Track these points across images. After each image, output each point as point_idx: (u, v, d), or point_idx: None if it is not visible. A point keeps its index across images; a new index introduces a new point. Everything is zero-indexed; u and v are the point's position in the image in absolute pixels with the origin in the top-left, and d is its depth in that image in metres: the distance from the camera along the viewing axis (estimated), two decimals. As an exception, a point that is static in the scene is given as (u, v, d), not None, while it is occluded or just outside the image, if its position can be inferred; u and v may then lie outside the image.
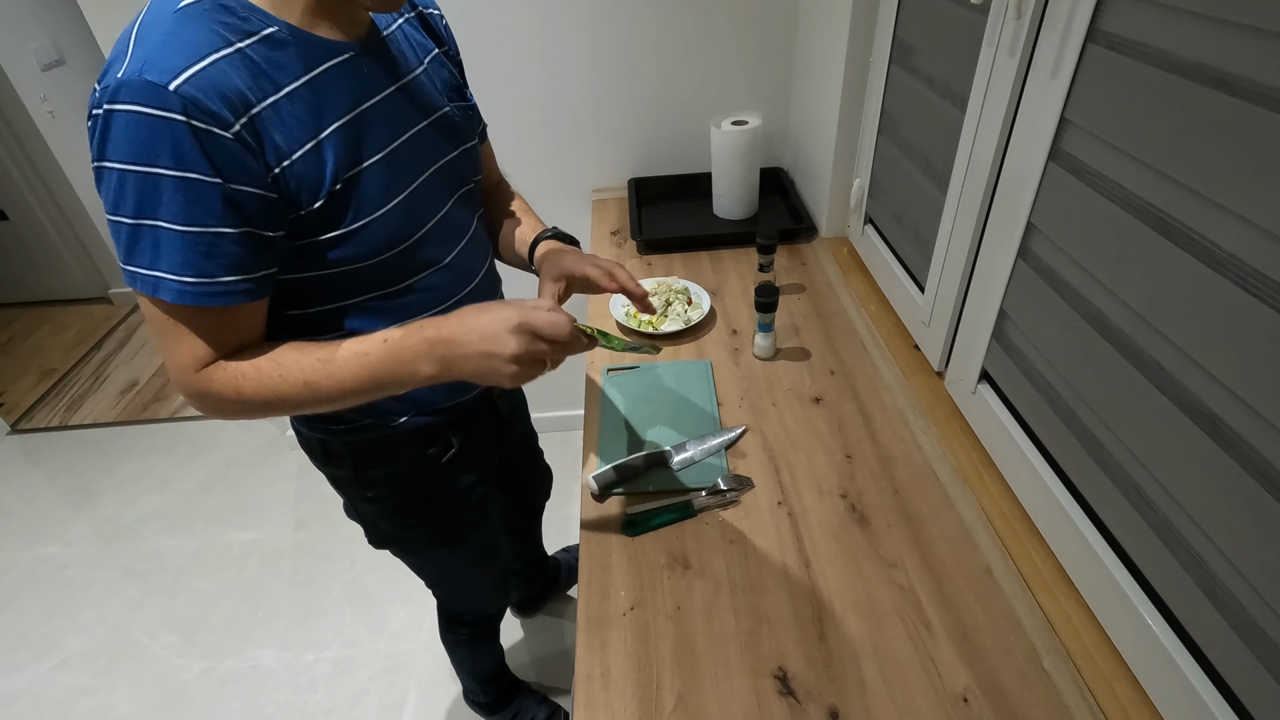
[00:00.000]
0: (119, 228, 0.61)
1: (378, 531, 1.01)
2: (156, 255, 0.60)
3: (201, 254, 0.61)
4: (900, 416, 1.06)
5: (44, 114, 2.82)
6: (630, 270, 1.36)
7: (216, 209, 0.60)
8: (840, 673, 0.75)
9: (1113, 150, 0.67)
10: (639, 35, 1.58)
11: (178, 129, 0.57)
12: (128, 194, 0.59)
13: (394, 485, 0.92)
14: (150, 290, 0.61)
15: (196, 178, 0.58)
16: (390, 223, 0.71)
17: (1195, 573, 0.62)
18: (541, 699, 1.57)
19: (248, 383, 0.67)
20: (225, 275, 0.62)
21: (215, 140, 0.58)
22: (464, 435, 0.93)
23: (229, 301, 0.64)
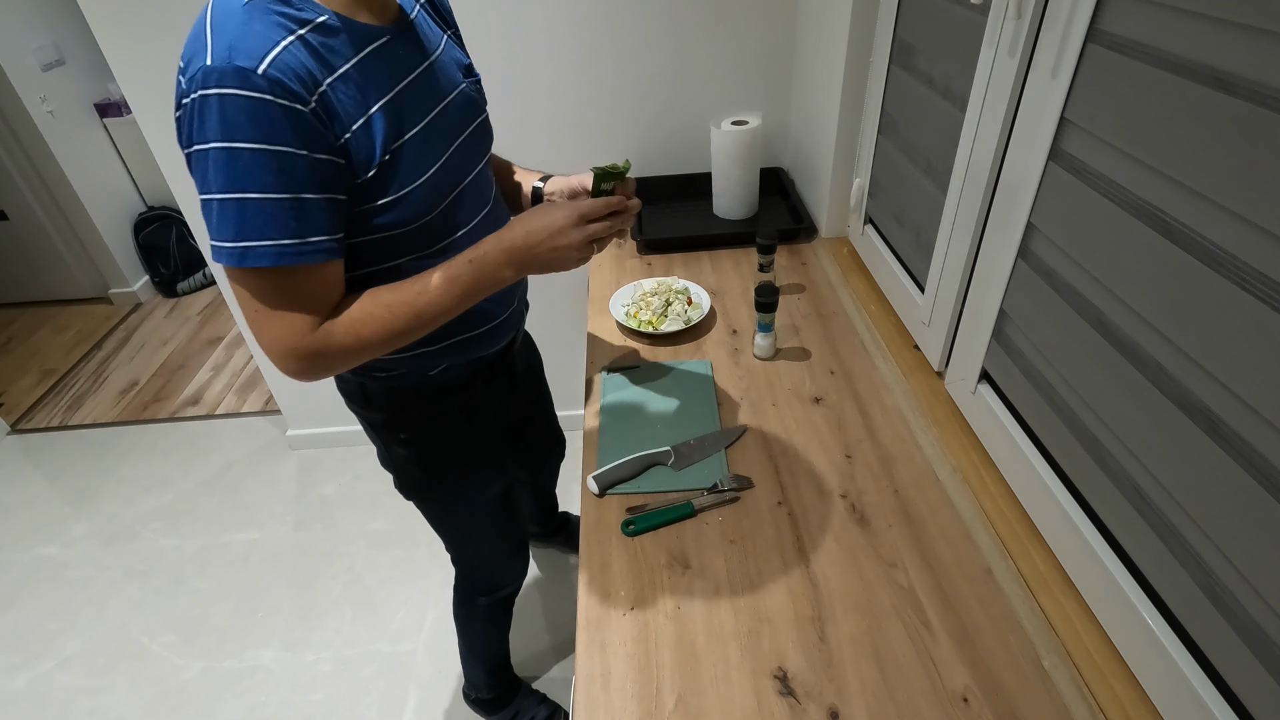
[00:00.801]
0: (210, 206, 0.66)
1: (407, 477, 1.07)
2: (251, 226, 0.66)
3: (293, 218, 0.67)
4: (900, 416, 1.06)
5: (44, 114, 2.82)
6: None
7: (302, 177, 0.67)
8: (840, 673, 0.75)
9: (1113, 150, 0.67)
10: (639, 35, 1.58)
11: (269, 107, 0.63)
12: (221, 171, 0.64)
13: (423, 430, 1.00)
14: (239, 261, 0.67)
15: (286, 150, 0.65)
16: (428, 189, 0.79)
17: (1195, 573, 0.62)
18: (541, 699, 1.58)
19: (366, 328, 0.75)
20: (313, 235, 0.69)
21: (297, 116, 0.65)
22: (485, 387, 1.02)
23: (318, 259, 0.70)
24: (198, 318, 3.16)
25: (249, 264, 0.67)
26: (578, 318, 2.03)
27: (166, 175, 1.75)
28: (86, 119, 3.04)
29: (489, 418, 1.06)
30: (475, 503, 1.13)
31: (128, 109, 3.03)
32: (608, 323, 1.32)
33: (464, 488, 1.09)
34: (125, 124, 3.09)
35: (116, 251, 3.17)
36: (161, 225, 3.23)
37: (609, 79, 1.63)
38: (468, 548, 1.24)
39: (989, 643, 0.76)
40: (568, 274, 1.90)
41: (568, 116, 1.67)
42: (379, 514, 2.11)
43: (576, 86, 1.63)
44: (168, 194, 3.19)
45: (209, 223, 0.67)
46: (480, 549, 1.24)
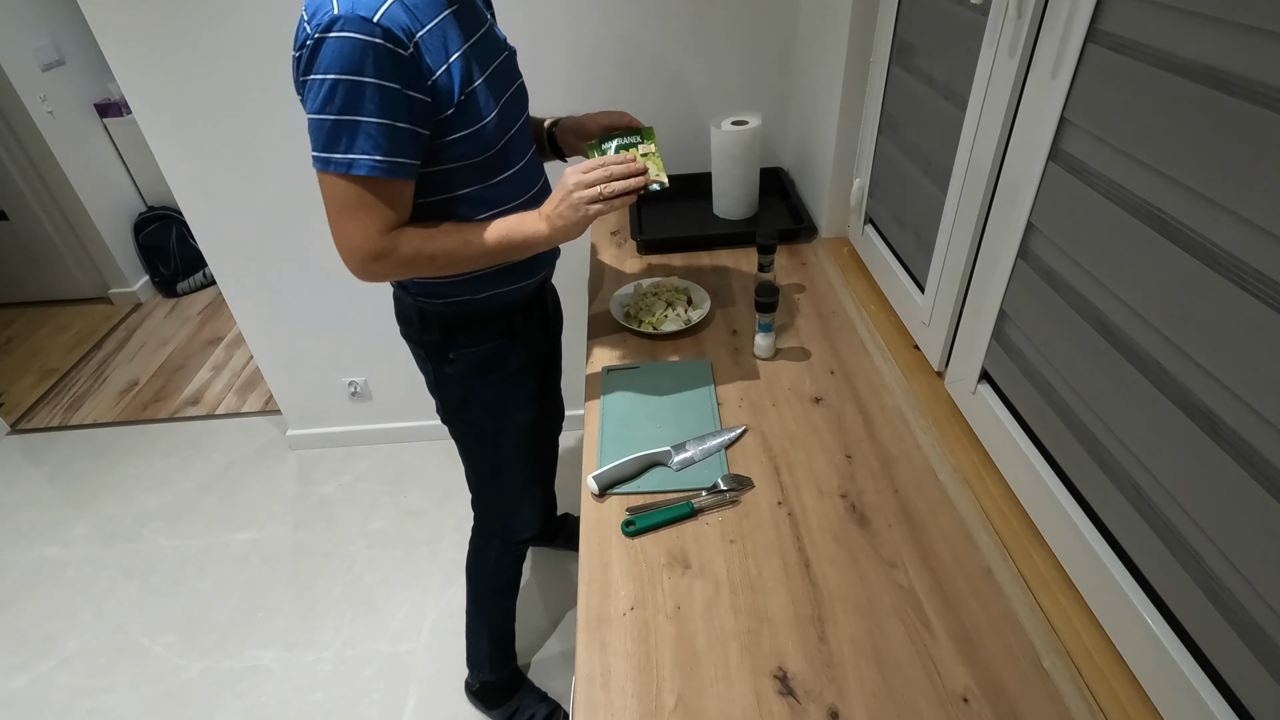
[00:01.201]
0: (322, 124, 0.82)
1: (450, 397, 1.19)
2: (354, 142, 0.82)
3: (389, 140, 0.83)
4: (900, 416, 1.06)
5: (44, 114, 2.82)
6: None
7: (400, 108, 0.83)
8: (840, 673, 0.75)
9: (1113, 150, 0.67)
10: (639, 35, 1.58)
11: (379, 49, 0.79)
12: (337, 97, 0.80)
13: (469, 351, 1.13)
14: (345, 169, 0.83)
15: (389, 85, 0.81)
16: (492, 128, 0.94)
17: (1195, 573, 0.62)
18: (542, 696, 1.58)
19: (428, 242, 0.93)
20: (400, 157, 0.85)
21: (399, 59, 0.81)
22: (523, 319, 1.17)
23: (403, 175, 0.87)
24: (198, 318, 3.16)
25: (354, 172, 0.83)
26: (578, 317, 2.03)
27: (166, 175, 1.76)
28: (86, 119, 3.05)
29: (525, 347, 1.18)
30: (507, 429, 1.23)
31: (128, 109, 3.03)
32: (608, 323, 1.32)
33: (499, 410, 1.20)
34: (125, 124, 3.09)
35: (116, 251, 3.17)
36: (161, 225, 3.24)
37: (609, 79, 1.63)
38: (493, 481, 1.31)
39: (989, 643, 0.76)
40: (568, 274, 1.91)
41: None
42: (379, 514, 2.11)
43: (576, 86, 1.64)
44: (168, 194, 3.19)
45: (317, 137, 0.83)
46: (503, 482, 1.31)
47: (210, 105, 1.65)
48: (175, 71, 1.60)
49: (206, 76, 1.61)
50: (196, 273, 3.34)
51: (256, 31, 1.56)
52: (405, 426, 2.31)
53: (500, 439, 1.25)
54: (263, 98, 1.64)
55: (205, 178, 1.76)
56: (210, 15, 1.53)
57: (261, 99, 1.64)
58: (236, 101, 1.65)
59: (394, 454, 2.31)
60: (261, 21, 1.54)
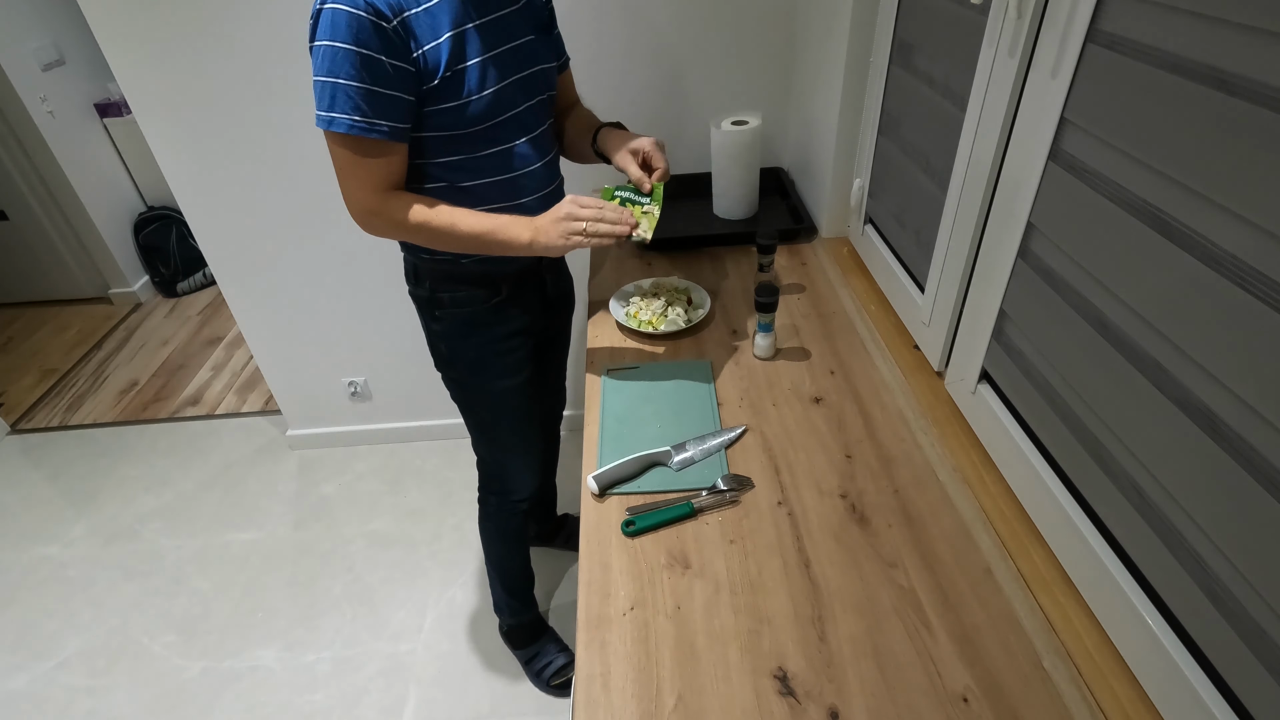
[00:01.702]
0: (316, 85, 0.91)
1: (437, 352, 1.26)
2: (335, 101, 0.91)
3: (368, 102, 0.91)
4: (900, 416, 1.06)
5: (44, 114, 2.82)
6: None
7: (382, 74, 0.90)
8: (840, 673, 0.75)
9: (1113, 150, 0.67)
10: (638, 35, 1.58)
11: (362, 20, 0.87)
12: (326, 60, 0.89)
13: (455, 311, 1.18)
14: (327, 125, 0.92)
15: (369, 53, 0.89)
16: (481, 105, 1.00)
17: (1195, 573, 0.62)
18: (563, 646, 1.65)
19: (414, 211, 1.00)
20: (380, 119, 0.93)
21: (381, 30, 0.89)
22: (512, 289, 1.19)
23: (383, 135, 0.94)
24: (198, 318, 3.16)
25: (334, 129, 0.92)
26: (578, 318, 2.03)
27: (166, 175, 1.76)
28: (86, 119, 3.04)
29: (513, 319, 1.22)
30: (491, 391, 1.28)
31: (128, 109, 3.03)
32: (608, 323, 1.32)
33: (482, 370, 1.25)
34: (125, 124, 3.09)
35: (116, 251, 3.17)
36: (161, 225, 3.24)
37: (609, 79, 1.63)
38: (483, 438, 1.38)
39: (989, 643, 0.76)
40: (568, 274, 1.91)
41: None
42: (379, 514, 2.11)
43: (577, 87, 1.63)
44: (168, 194, 3.19)
45: (316, 99, 0.92)
46: (494, 441, 1.37)
47: (210, 105, 1.65)
48: (175, 71, 1.60)
49: (206, 76, 1.61)
50: (196, 273, 3.34)
51: (257, 31, 1.55)
52: (405, 426, 2.31)
53: (485, 400, 1.30)
54: (263, 98, 1.64)
55: (205, 178, 1.76)
56: (210, 15, 1.53)
57: (261, 99, 1.64)
58: (236, 101, 1.65)
59: (394, 454, 2.31)
60: (261, 21, 1.54)
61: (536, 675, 1.63)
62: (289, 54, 1.58)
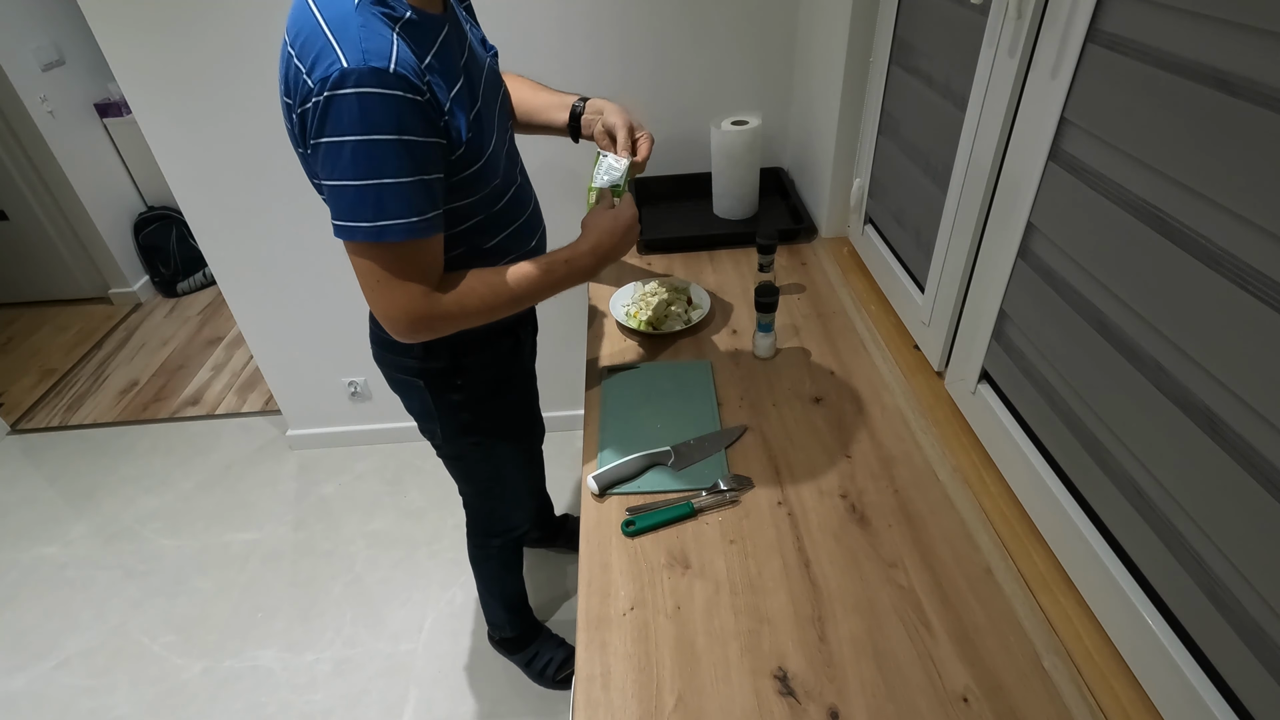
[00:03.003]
0: (344, 190, 0.74)
1: (456, 423, 1.13)
2: (384, 207, 0.74)
3: (420, 196, 0.76)
4: (900, 416, 1.06)
5: (44, 114, 2.82)
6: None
7: (424, 159, 0.76)
8: (840, 673, 0.75)
9: (1113, 150, 0.67)
10: (638, 35, 1.58)
11: (400, 102, 0.71)
12: (360, 161, 0.72)
13: (478, 374, 1.09)
14: (376, 237, 0.75)
15: (413, 139, 0.74)
16: (495, 154, 0.89)
17: (1195, 573, 0.62)
18: (560, 642, 1.65)
19: (470, 301, 0.87)
20: (431, 211, 0.79)
21: (417, 106, 0.73)
22: (525, 332, 1.16)
23: (436, 231, 0.81)
24: (198, 318, 3.16)
25: (386, 239, 0.76)
26: (578, 318, 2.03)
27: (166, 175, 1.76)
28: (86, 119, 3.04)
29: (525, 361, 1.19)
30: (513, 443, 1.22)
31: (128, 109, 3.03)
32: (608, 323, 1.32)
33: (508, 426, 1.19)
34: (125, 124, 3.09)
35: (116, 251, 3.17)
36: (161, 225, 3.24)
37: (609, 79, 1.63)
38: (493, 492, 1.30)
39: (989, 643, 0.76)
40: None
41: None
42: (379, 514, 2.11)
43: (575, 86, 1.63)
44: (168, 194, 3.19)
45: (340, 205, 0.75)
46: (505, 493, 1.31)
47: (210, 105, 1.65)
48: (175, 71, 1.60)
49: (206, 76, 1.61)
50: (196, 273, 3.34)
51: (257, 32, 1.55)
52: (405, 426, 2.30)
53: (505, 456, 1.24)
54: (263, 98, 1.64)
55: (205, 178, 1.76)
56: (210, 15, 1.53)
57: (262, 99, 1.64)
58: (236, 101, 1.65)
59: (394, 454, 2.31)
60: (262, 22, 1.54)
61: (539, 675, 1.62)
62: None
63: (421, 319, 0.84)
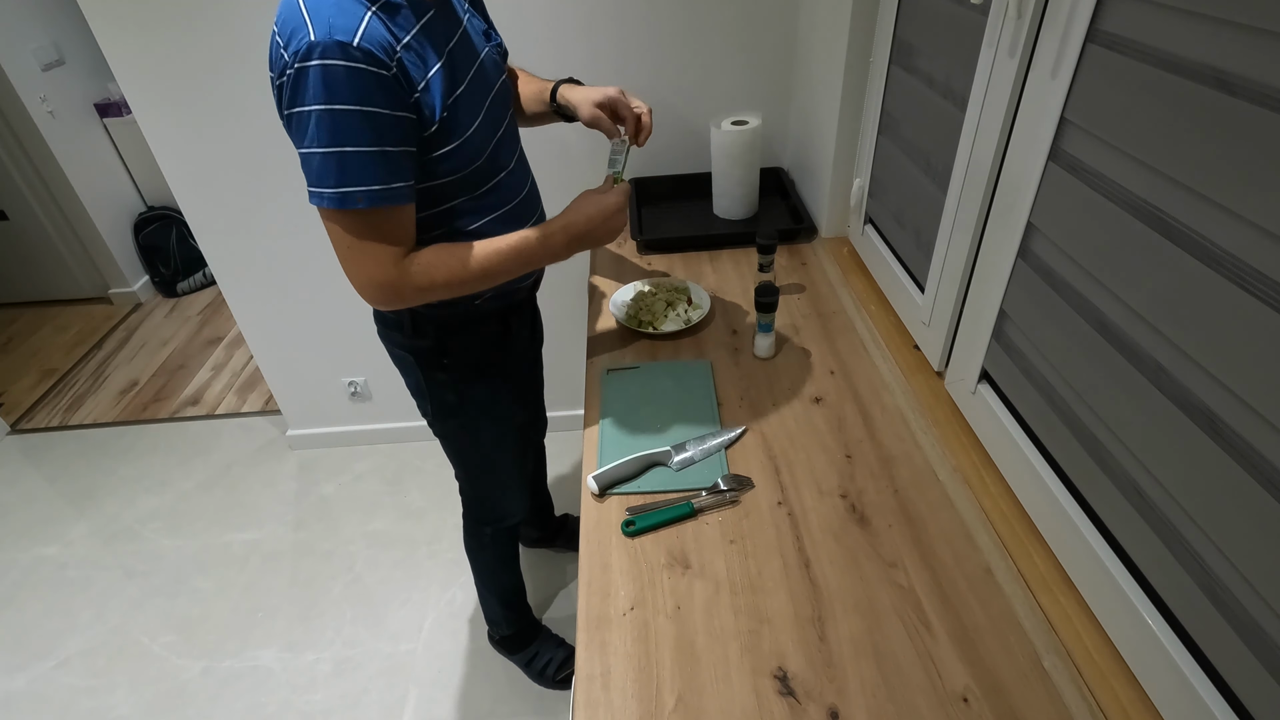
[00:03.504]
0: (311, 158, 0.79)
1: (443, 402, 1.17)
2: (346, 174, 0.79)
3: (382, 167, 0.80)
4: (900, 416, 1.06)
5: (44, 114, 2.82)
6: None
7: (389, 131, 0.80)
8: (840, 673, 0.75)
9: (1113, 150, 0.67)
10: (638, 35, 1.58)
11: (362, 74, 0.75)
12: (324, 129, 0.76)
13: (461, 356, 1.12)
14: (339, 203, 0.80)
15: (375, 110, 0.77)
16: (477, 137, 0.92)
17: (1195, 573, 0.62)
18: (560, 642, 1.65)
19: (439, 272, 0.89)
20: (396, 182, 0.82)
21: (383, 80, 0.77)
22: (515, 319, 1.17)
23: (401, 200, 0.84)
24: (198, 318, 3.16)
25: (348, 206, 0.80)
26: (578, 318, 2.03)
27: (166, 175, 1.76)
28: (86, 119, 3.04)
29: (516, 348, 1.20)
30: (497, 429, 1.24)
31: (128, 109, 3.03)
32: (608, 323, 1.32)
33: (492, 411, 1.21)
34: (125, 124, 3.09)
35: (116, 251, 3.17)
36: (161, 225, 3.24)
37: (609, 79, 1.63)
38: (484, 475, 1.32)
39: (989, 643, 0.76)
40: (568, 275, 1.91)
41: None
42: (379, 514, 2.11)
43: (576, 86, 1.63)
44: (168, 194, 3.19)
45: (309, 172, 0.80)
46: (495, 476, 1.33)
47: (210, 105, 1.65)
48: (175, 71, 1.60)
49: (206, 76, 1.61)
50: (196, 273, 3.34)
51: (256, 31, 1.55)
52: (405, 426, 2.31)
53: (491, 439, 1.26)
54: (263, 98, 1.64)
55: (205, 178, 1.76)
56: (210, 15, 1.53)
57: (262, 99, 1.64)
58: (236, 101, 1.65)
59: (394, 454, 2.31)
60: (262, 21, 1.54)
61: (539, 674, 1.62)
62: (289, 54, 1.58)
63: (389, 286, 0.88)
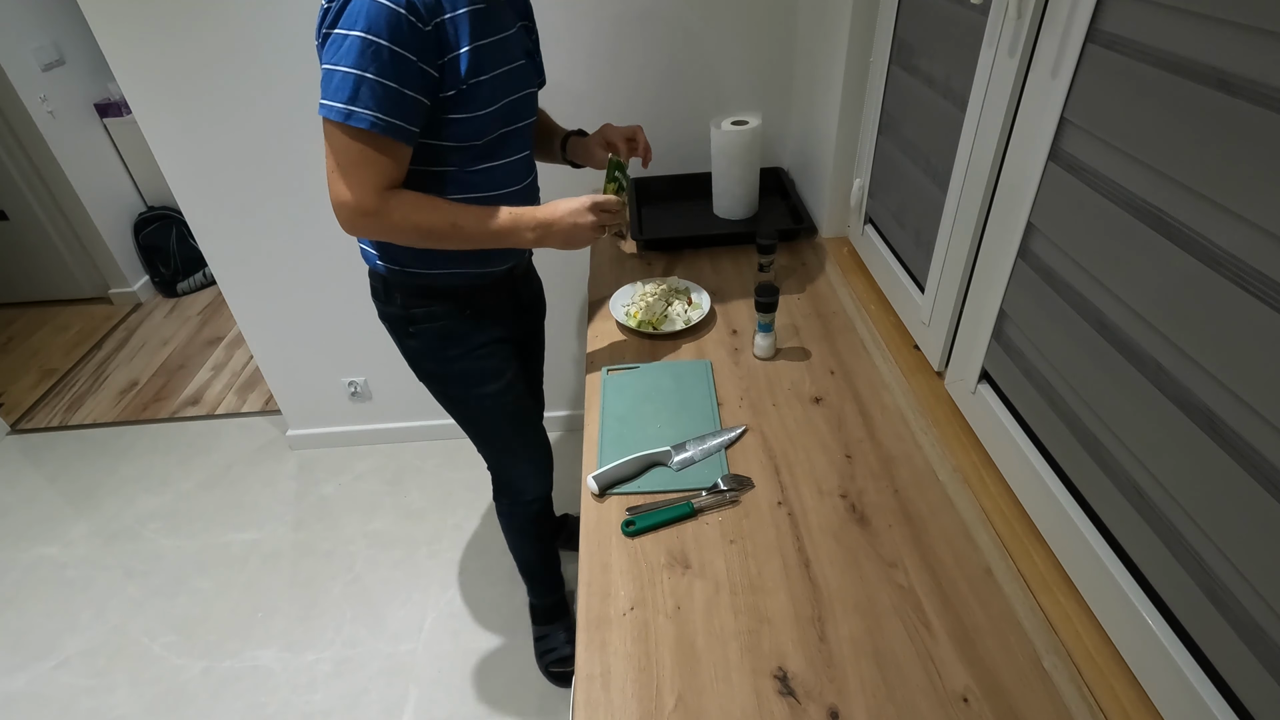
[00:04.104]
0: (333, 74, 0.88)
1: (418, 368, 1.26)
2: (358, 95, 0.88)
3: (393, 102, 0.89)
4: (900, 416, 1.06)
5: (44, 114, 2.82)
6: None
7: (410, 76, 0.90)
8: (840, 673, 0.75)
9: (1113, 150, 0.67)
10: (638, 35, 1.58)
11: (401, 18, 0.86)
12: (354, 52, 0.86)
13: (426, 325, 1.18)
14: (344, 118, 0.88)
15: (403, 53, 0.88)
16: (484, 121, 1.01)
17: (1195, 573, 0.62)
18: (572, 637, 1.66)
19: (416, 212, 0.98)
20: (400, 120, 0.91)
21: (417, 31, 0.88)
22: (485, 300, 1.20)
23: (401, 138, 0.93)
24: (198, 318, 3.16)
25: (351, 123, 0.88)
26: (578, 318, 2.03)
27: (166, 175, 1.76)
28: (86, 119, 3.04)
29: (488, 328, 1.22)
30: (474, 399, 1.28)
31: (128, 109, 3.03)
32: (608, 323, 1.32)
33: (463, 381, 1.25)
34: (125, 124, 3.09)
35: (116, 251, 3.17)
36: (161, 225, 3.24)
37: (609, 79, 1.63)
38: (485, 445, 1.38)
39: (989, 643, 0.76)
40: (567, 275, 1.91)
41: (567, 116, 1.66)
42: (379, 514, 2.11)
43: (576, 86, 1.63)
44: (168, 194, 3.19)
45: (327, 87, 0.88)
46: (496, 446, 1.38)
47: (210, 105, 1.65)
48: (175, 71, 1.60)
49: (206, 76, 1.61)
50: (196, 273, 3.34)
51: (257, 31, 1.55)
52: (405, 426, 2.31)
53: (478, 408, 1.30)
54: (263, 98, 1.64)
55: (205, 178, 1.76)
56: (211, 15, 1.53)
57: (262, 99, 1.64)
58: (237, 101, 1.65)
59: (394, 454, 2.31)
60: (262, 21, 1.54)
61: (540, 657, 1.67)
62: (290, 54, 1.58)
63: (364, 213, 0.95)
